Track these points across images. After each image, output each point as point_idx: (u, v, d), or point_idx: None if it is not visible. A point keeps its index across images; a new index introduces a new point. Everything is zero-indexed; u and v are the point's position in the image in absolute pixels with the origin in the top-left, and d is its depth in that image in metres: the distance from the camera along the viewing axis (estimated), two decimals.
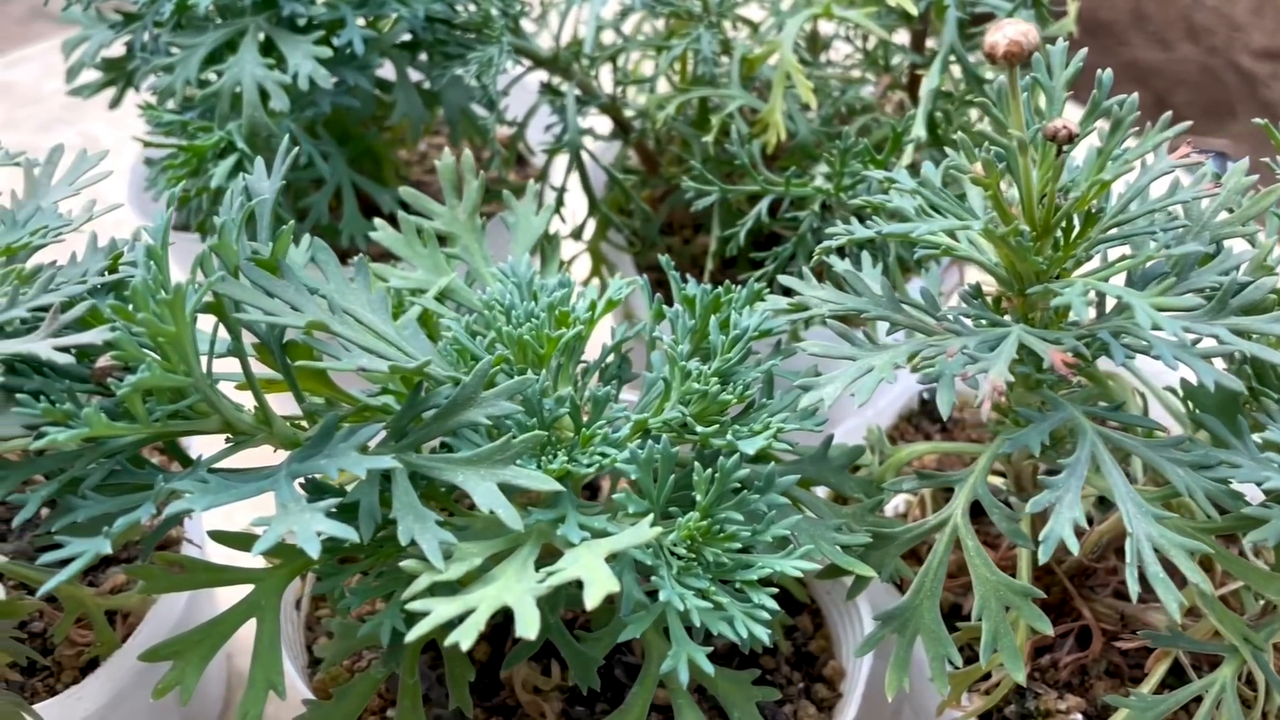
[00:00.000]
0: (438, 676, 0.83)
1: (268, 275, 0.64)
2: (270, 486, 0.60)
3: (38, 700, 0.79)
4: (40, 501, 0.60)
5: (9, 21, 3.46)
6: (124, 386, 0.57)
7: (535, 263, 0.81)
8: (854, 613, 0.86)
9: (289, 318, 0.62)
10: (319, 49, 0.92)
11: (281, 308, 0.62)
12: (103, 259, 0.68)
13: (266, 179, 0.68)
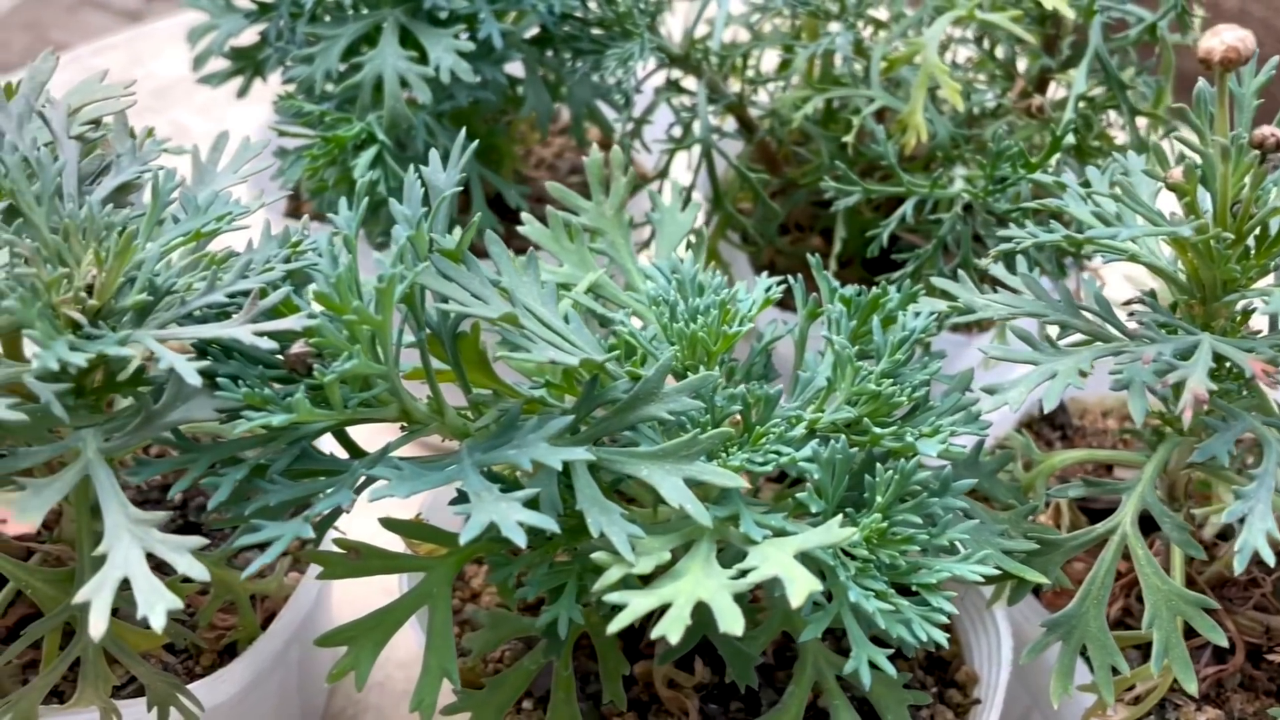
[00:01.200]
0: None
1: (454, 267, 0.64)
2: (457, 475, 0.61)
3: None
4: (232, 485, 0.60)
5: (58, 10, 3.51)
6: (329, 374, 0.57)
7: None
8: (988, 618, 0.85)
9: (484, 309, 0.62)
10: (461, 43, 0.92)
11: (471, 299, 0.63)
12: (276, 246, 0.69)
13: (443, 171, 0.69)
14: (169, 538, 0.57)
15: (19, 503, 0.55)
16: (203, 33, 1.10)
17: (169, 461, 0.61)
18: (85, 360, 0.54)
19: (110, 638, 0.70)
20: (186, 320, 0.60)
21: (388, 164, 0.91)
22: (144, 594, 0.55)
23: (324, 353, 0.60)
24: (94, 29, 3.56)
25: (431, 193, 0.66)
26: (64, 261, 0.60)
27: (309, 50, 0.95)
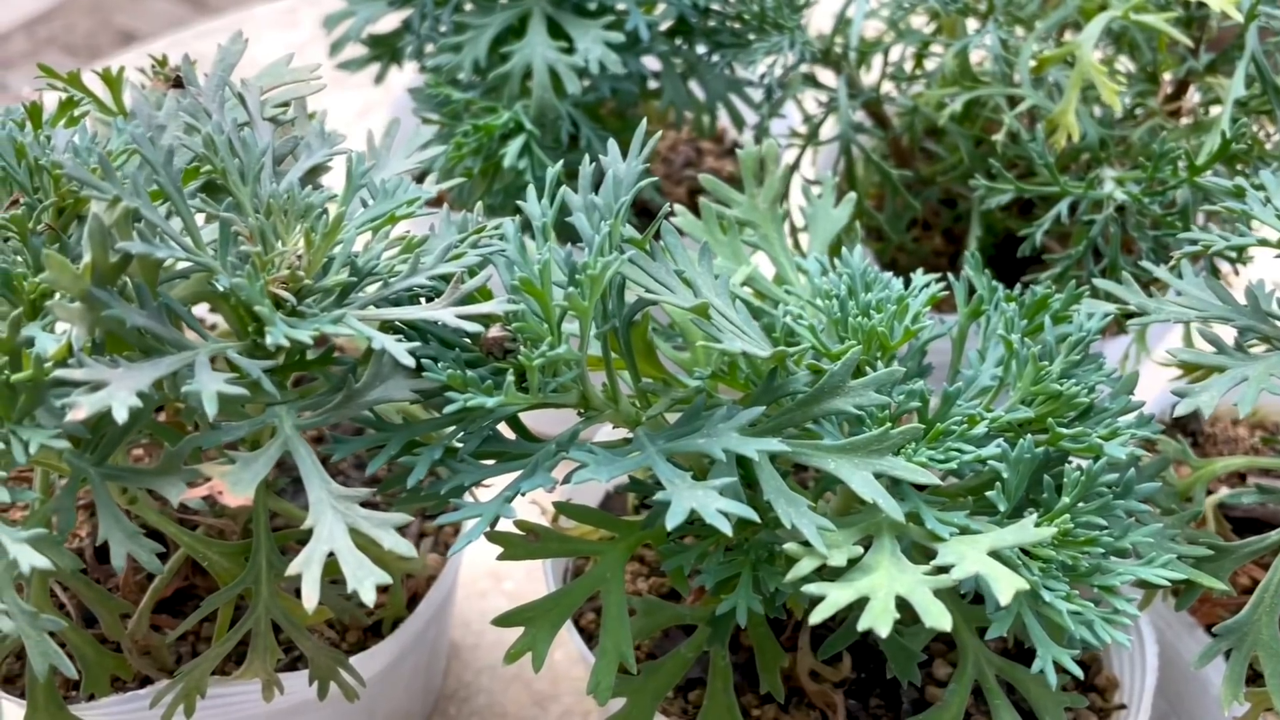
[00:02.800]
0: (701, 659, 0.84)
1: (644, 257, 0.65)
2: (647, 461, 0.61)
3: None
4: (429, 464, 0.61)
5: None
6: (536, 358, 0.58)
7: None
8: None
9: (679, 299, 0.63)
10: (609, 34, 0.93)
11: (662, 289, 0.63)
12: (455, 231, 0.69)
13: (623, 161, 0.69)
14: (372, 514, 0.58)
15: (231, 476, 0.56)
16: (340, 19, 1.11)
17: (367, 439, 0.62)
18: (309, 338, 0.55)
19: (280, 611, 0.72)
20: (386, 302, 0.61)
21: (534, 153, 0.92)
22: (351, 569, 0.56)
23: (519, 338, 0.61)
24: (157, 14, 3.60)
25: (614, 183, 0.67)
26: (269, 241, 0.61)
27: (457, 39, 0.96)
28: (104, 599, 0.74)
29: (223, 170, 0.60)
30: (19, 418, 0.56)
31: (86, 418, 0.50)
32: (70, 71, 0.80)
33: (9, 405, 0.55)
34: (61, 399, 0.55)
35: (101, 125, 0.81)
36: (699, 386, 0.69)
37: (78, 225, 0.68)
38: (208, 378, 0.55)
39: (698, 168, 1.27)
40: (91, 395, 0.51)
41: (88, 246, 0.54)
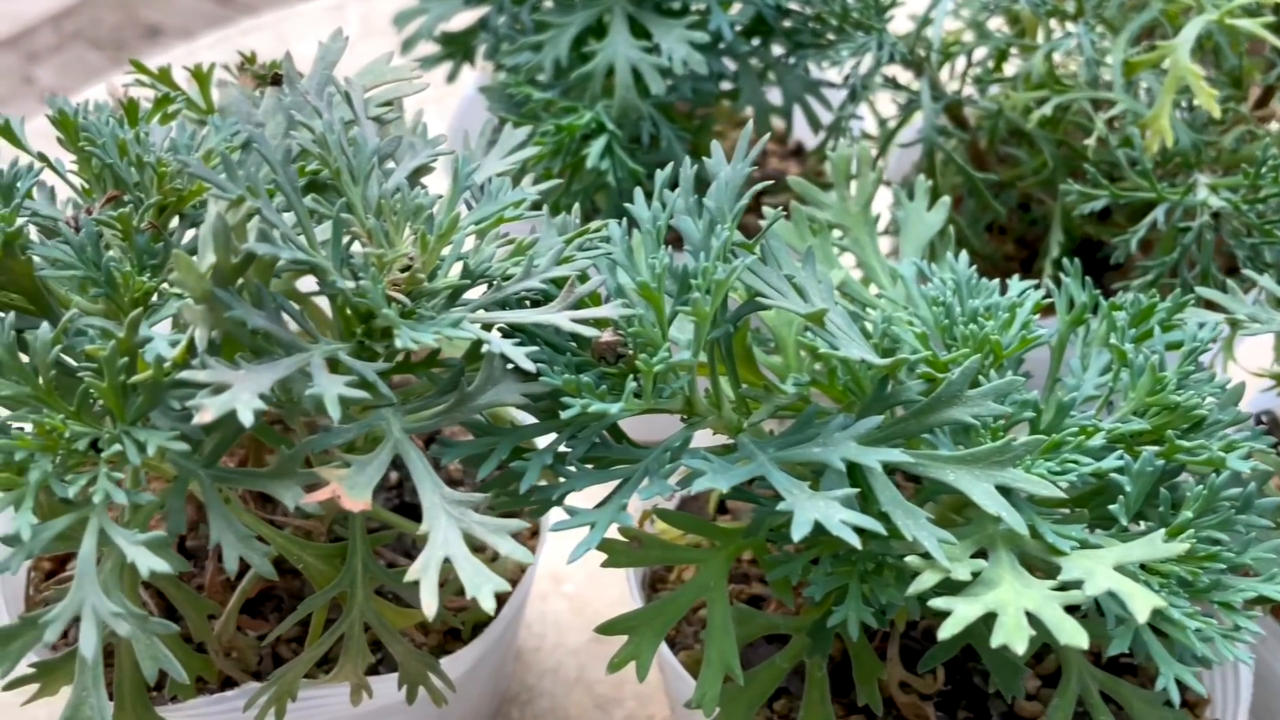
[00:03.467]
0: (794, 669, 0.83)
1: (756, 261, 0.64)
2: (760, 471, 0.60)
3: None
4: (539, 469, 0.60)
5: None
6: (656, 363, 0.57)
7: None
8: None
9: (796, 305, 0.62)
10: (694, 33, 0.92)
11: (777, 295, 0.62)
12: (556, 233, 0.69)
13: (726, 163, 0.68)
14: (486, 519, 0.57)
15: (348, 481, 0.55)
16: (411, 17, 1.11)
17: (476, 443, 0.61)
18: (434, 340, 0.54)
19: (374, 614, 0.71)
20: (497, 305, 0.60)
21: (617, 154, 0.91)
22: (469, 575, 0.55)
23: (631, 342, 0.60)
24: (183, 9, 3.60)
25: (725, 187, 0.65)
26: (382, 242, 0.60)
27: (537, 38, 0.95)
28: (193, 599, 0.74)
29: (337, 170, 0.59)
30: (133, 419, 0.55)
31: (212, 420, 0.50)
32: (161, 68, 0.80)
33: (123, 406, 0.55)
34: (180, 400, 0.55)
35: (188, 122, 0.80)
36: (803, 394, 0.68)
37: (179, 223, 0.67)
38: (328, 380, 0.54)
39: (763, 169, 1.26)
40: (216, 398, 0.50)
41: (209, 246, 0.54)
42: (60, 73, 3.28)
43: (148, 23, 3.46)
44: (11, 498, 0.54)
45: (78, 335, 0.58)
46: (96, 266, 0.62)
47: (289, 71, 0.69)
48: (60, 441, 0.55)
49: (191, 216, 0.67)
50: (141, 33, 3.45)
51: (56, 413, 0.55)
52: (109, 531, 0.54)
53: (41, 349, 0.54)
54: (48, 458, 0.54)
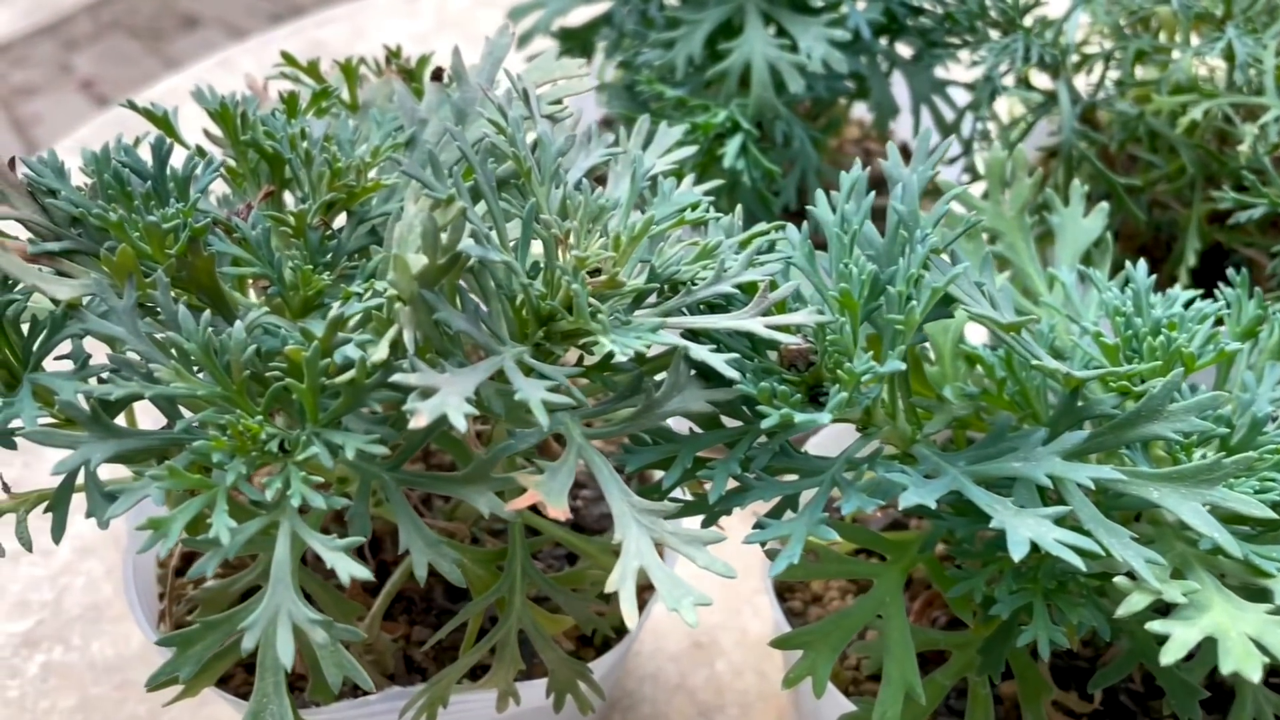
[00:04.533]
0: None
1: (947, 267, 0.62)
2: (953, 484, 0.58)
3: None
4: (726, 478, 0.59)
5: None
6: (862, 373, 0.55)
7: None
8: None
9: (997, 315, 0.60)
10: (833, 31, 0.90)
11: (972, 303, 0.60)
12: (723, 234, 0.67)
13: (903, 165, 0.66)
14: (680, 529, 0.55)
15: (543, 487, 0.54)
16: (527, 11, 1.09)
17: (660, 449, 0.60)
18: (641, 347, 0.53)
19: (530, 621, 0.70)
20: (686, 309, 0.59)
21: (752, 153, 0.90)
22: (665, 588, 0.54)
23: (826, 349, 0.59)
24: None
25: (907, 189, 0.63)
26: (577, 243, 0.59)
27: (669, 34, 0.93)
28: (339, 601, 0.73)
29: (528, 170, 0.58)
30: (327, 421, 0.54)
31: (427, 425, 0.48)
32: (310, 60, 0.79)
33: (317, 408, 0.54)
34: (379, 403, 0.53)
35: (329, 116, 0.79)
36: (979, 405, 0.66)
37: (347, 220, 0.66)
38: (530, 385, 0.52)
39: (873, 170, 1.24)
40: (429, 402, 0.49)
41: (412, 245, 0.52)
42: (98, 61, 3.29)
43: (185, 12, 3.47)
44: (203, 500, 0.52)
45: (263, 334, 0.57)
46: (270, 264, 0.61)
47: (457, 67, 0.67)
48: (252, 443, 0.53)
49: (359, 214, 0.66)
50: (179, 22, 3.46)
51: (248, 414, 0.54)
52: (303, 535, 0.53)
53: (236, 348, 0.53)
54: (240, 459, 0.53)
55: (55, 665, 1.05)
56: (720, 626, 1.13)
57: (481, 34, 2.10)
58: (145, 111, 0.69)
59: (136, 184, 0.60)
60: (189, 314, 0.53)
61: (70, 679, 1.03)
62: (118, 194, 0.60)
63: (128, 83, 3.26)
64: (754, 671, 1.09)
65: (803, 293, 0.62)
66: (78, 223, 0.60)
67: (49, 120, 2.99)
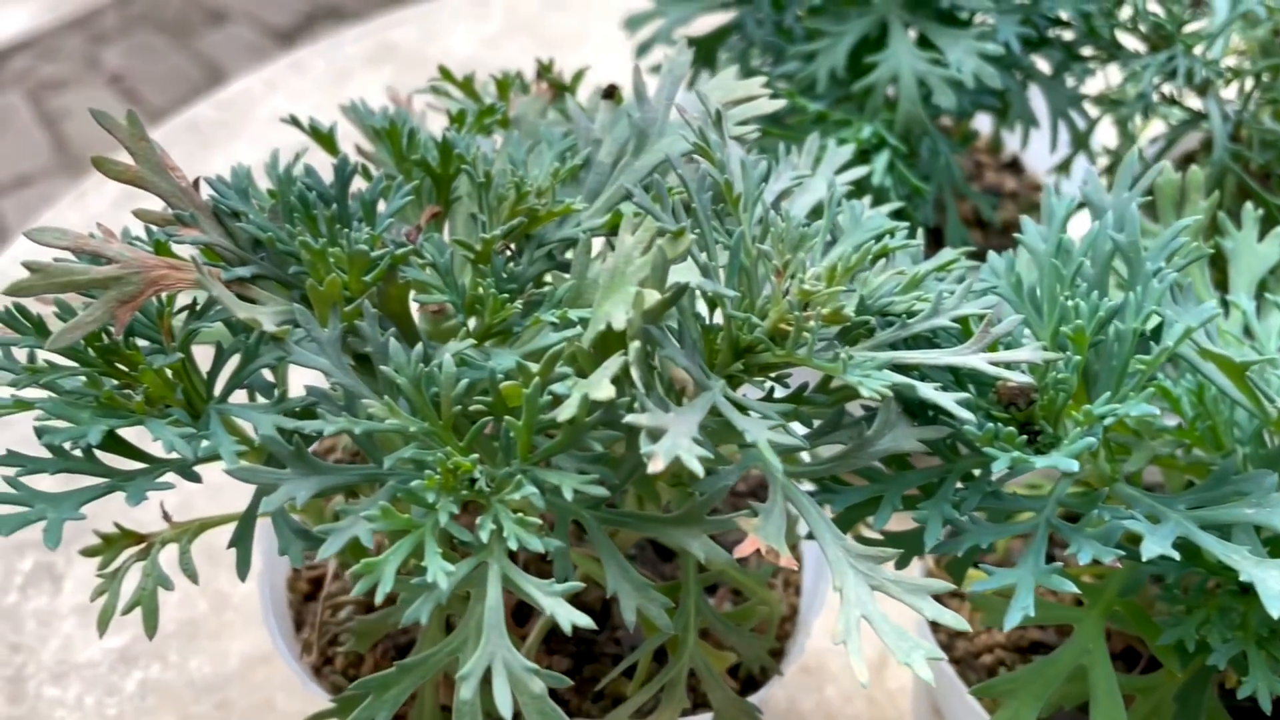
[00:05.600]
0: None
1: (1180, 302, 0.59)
2: (1179, 531, 0.56)
3: None
4: (940, 522, 0.56)
5: None
6: (1101, 414, 0.53)
7: None
8: None
9: (1225, 351, 0.57)
10: (984, 44, 0.87)
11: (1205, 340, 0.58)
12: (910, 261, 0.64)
13: (1106, 192, 0.63)
14: (902, 577, 0.53)
15: (761, 531, 0.52)
16: (644, 20, 1.07)
17: (865, 489, 0.57)
18: (882, 388, 0.50)
19: (700, 659, 0.67)
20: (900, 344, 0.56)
21: (899, 170, 0.87)
22: (894, 641, 0.51)
23: (1050, 387, 0.56)
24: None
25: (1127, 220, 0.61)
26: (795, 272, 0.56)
27: (810, 46, 0.91)
28: None
29: (737, 198, 0.55)
30: (539, 459, 0.52)
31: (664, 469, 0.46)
32: (465, 76, 0.76)
33: (530, 446, 0.51)
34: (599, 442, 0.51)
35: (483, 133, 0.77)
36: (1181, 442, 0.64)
37: (527, 244, 0.64)
38: (752, 424, 0.50)
39: (980, 182, 1.21)
40: (661, 444, 0.47)
41: (633, 277, 0.50)
42: (126, 55, 3.29)
43: (212, 6, 3.47)
44: (414, 540, 0.50)
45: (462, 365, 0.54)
46: (456, 290, 0.59)
47: (638, 86, 0.65)
48: (461, 481, 0.51)
49: (538, 237, 0.63)
50: (206, 16, 3.45)
51: (457, 451, 0.51)
52: (515, 579, 0.51)
53: (447, 382, 0.51)
54: (449, 498, 0.51)
55: (153, 683, 1.03)
56: (828, 650, 1.11)
57: (552, 37, 2.09)
58: (313, 131, 0.67)
59: (321, 207, 0.58)
60: (399, 347, 0.51)
61: (169, 697, 1.01)
62: (303, 217, 0.57)
63: (156, 77, 3.25)
64: (863, 697, 1.06)
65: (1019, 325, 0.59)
66: (259, 245, 0.58)
67: (78, 114, 2.99)
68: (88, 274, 0.51)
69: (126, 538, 0.62)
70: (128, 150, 0.54)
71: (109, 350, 0.55)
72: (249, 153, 1.69)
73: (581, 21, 1.88)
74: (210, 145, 1.71)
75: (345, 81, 1.83)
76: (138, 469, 0.55)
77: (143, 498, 0.52)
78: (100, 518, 0.67)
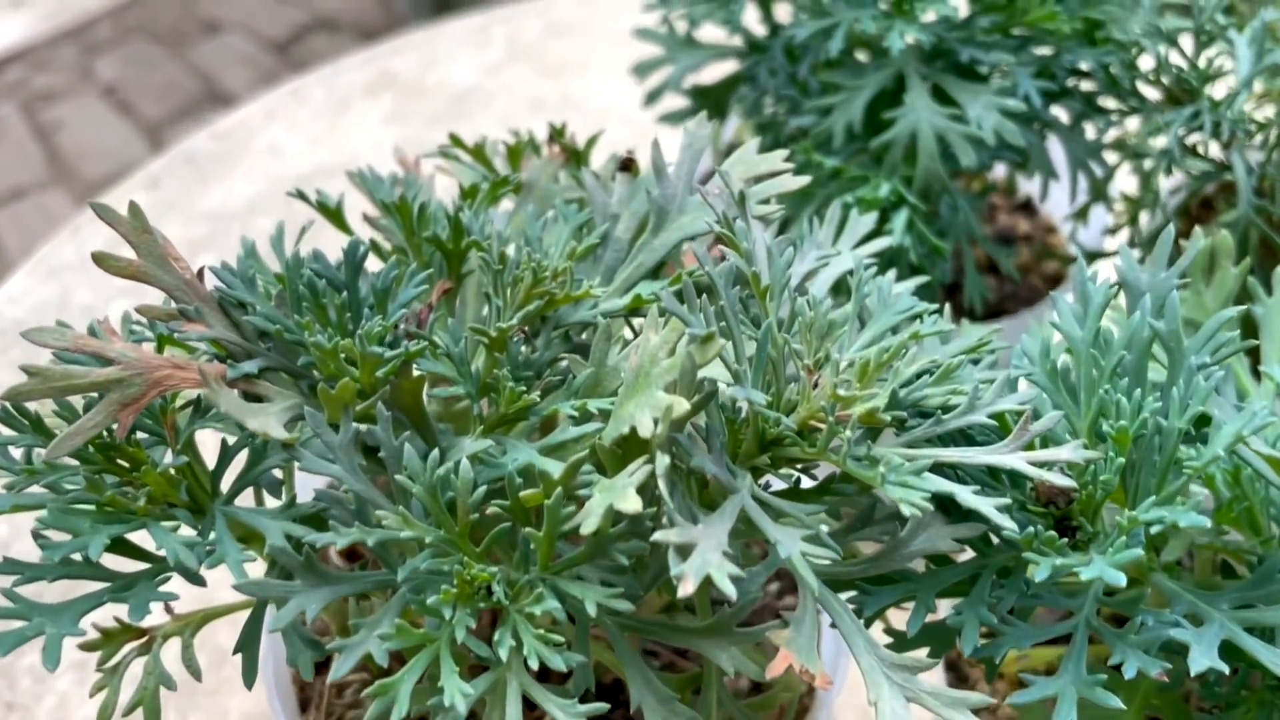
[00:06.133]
0: None
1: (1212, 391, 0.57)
2: (1224, 634, 0.53)
3: None
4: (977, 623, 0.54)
5: None
6: (1148, 519, 0.50)
7: None
8: None
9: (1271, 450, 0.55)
10: (1004, 100, 0.85)
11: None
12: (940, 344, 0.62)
13: (1139, 268, 0.61)
14: (939, 689, 0.51)
15: (793, 644, 0.49)
16: (653, 67, 1.04)
17: (898, 589, 0.55)
18: (925, 499, 0.48)
19: None
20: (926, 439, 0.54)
21: (918, 229, 0.85)
22: None
23: (1092, 486, 0.54)
24: (243, 3, 3.56)
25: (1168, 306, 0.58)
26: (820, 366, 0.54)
27: (827, 100, 0.89)
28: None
29: (765, 290, 0.53)
30: (560, 569, 0.49)
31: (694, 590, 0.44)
32: (476, 144, 0.74)
33: (551, 554, 0.49)
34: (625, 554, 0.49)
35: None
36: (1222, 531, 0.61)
37: (543, 327, 0.62)
38: (785, 535, 0.48)
39: (993, 225, 1.19)
40: (692, 563, 0.44)
41: (658, 381, 0.48)
42: (120, 66, 3.27)
43: (207, 17, 3.45)
44: (429, 655, 0.48)
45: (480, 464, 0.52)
46: (471, 379, 0.56)
47: (657, 161, 0.63)
48: (477, 592, 0.49)
49: (554, 319, 0.61)
50: (201, 26, 3.44)
51: (473, 560, 0.49)
52: (535, 695, 0.48)
53: (464, 488, 0.49)
54: (466, 610, 0.48)
55: None
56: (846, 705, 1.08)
57: (553, 63, 2.05)
58: (321, 206, 0.65)
59: (330, 295, 0.56)
60: (415, 454, 0.48)
61: None
62: (311, 306, 0.55)
63: (151, 88, 3.23)
64: None
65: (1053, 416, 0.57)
66: (265, 335, 0.56)
67: (71, 126, 2.97)
68: (88, 377, 0.48)
69: (126, 632, 0.59)
70: (130, 244, 0.52)
71: (110, 447, 0.53)
72: (246, 186, 1.68)
73: (584, 48, 1.86)
74: (207, 178, 1.69)
75: (345, 111, 1.81)
76: (140, 571, 0.53)
77: (146, 611, 0.50)
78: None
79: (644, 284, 0.61)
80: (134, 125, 3.17)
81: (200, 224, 1.60)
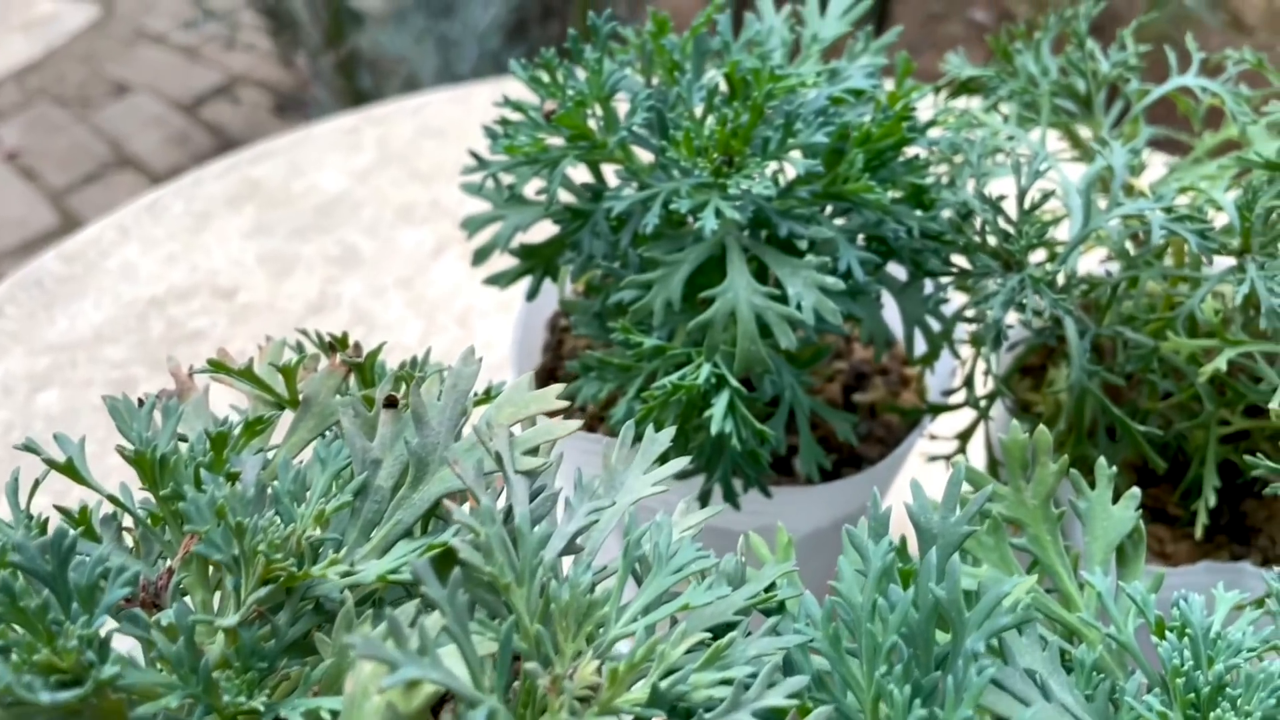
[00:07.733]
0: None
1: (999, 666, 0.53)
2: None
3: None
4: None
5: (115, 44, 3.45)
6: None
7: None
8: None
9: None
10: (824, 278, 0.82)
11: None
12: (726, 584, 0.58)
13: (931, 510, 0.58)
14: None
15: None
16: (483, 223, 1.00)
17: None
18: None
19: None
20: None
21: (741, 413, 0.81)
22: None
23: None
24: (151, 64, 3.51)
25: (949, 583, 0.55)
26: (550, 660, 0.49)
27: (646, 276, 0.85)
28: None
29: (506, 585, 0.48)
30: None
31: None
32: (245, 365, 0.68)
33: None
34: None
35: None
36: None
37: (287, 600, 0.56)
38: None
39: (848, 359, 1.16)
40: None
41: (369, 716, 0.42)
42: (25, 131, 3.19)
43: (114, 79, 3.38)
44: None
45: None
46: (194, 681, 0.51)
47: (422, 402, 0.58)
48: None
49: (300, 590, 0.56)
50: (108, 89, 3.36)
51: None
52: None
53: None
54: None
55: None
56: None
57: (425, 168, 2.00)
58: (50, 461, 0.59)
59: (30, 595, 0.50)
60: None
61: None
62: (8, 609, 0.49)
63: (56, 153, 3.14)
64: None
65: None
66: None
67: None
68: None
69: None
70: None
71: None
72: (95, 313, 1.60)
73: (457, 151, 1.82)
74: (53, 304, 1.61)
75: (205, 225, 1.74)
76: None
77: None
78: None
79: (402, 543, 0.56)
80: (39, 192, 3.07)
81: (44, 356, 1.52)
